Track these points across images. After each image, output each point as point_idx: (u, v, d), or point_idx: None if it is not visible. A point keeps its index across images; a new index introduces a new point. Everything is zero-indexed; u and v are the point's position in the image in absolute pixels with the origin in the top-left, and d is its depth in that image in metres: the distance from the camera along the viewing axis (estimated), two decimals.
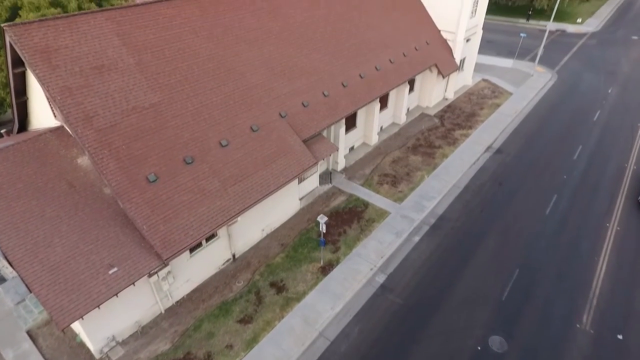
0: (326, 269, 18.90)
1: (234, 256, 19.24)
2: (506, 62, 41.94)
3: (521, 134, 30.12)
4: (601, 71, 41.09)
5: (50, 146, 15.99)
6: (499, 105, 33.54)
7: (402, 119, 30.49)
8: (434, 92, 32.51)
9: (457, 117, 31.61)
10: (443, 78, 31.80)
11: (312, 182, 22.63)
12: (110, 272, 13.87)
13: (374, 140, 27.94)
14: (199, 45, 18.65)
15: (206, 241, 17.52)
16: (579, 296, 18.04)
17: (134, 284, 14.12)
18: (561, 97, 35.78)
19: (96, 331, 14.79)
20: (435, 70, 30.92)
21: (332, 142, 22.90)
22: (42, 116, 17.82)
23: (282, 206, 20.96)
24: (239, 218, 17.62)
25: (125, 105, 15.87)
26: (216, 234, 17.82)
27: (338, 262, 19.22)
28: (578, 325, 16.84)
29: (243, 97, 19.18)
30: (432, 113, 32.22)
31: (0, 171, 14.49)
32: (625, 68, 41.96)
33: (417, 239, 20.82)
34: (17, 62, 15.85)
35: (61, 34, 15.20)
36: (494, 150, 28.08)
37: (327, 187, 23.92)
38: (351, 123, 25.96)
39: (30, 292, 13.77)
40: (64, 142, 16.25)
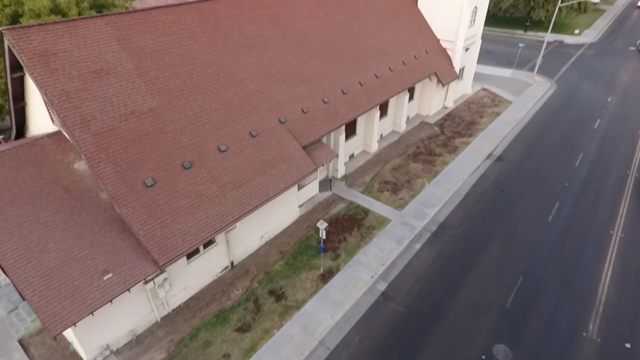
0: (326, 276, 18.54)
1: (232, 263, 18.90)
2: (505, 72, 42.14)
3: (522, 142, 30.02)
4: (600, 81, 41.25)
5: (47, 151, 15.81)
6: (498, 114, 33.54)
7: (402, 127, 30.43)
8: (433, 101, 32.54)
9: (457, 126, 31.55)
10: (443, 86, 31.87)
11: (312, 189, 22.41)
12: (105, 278, 13.55)
13: (374, 147, 27.82)
14: (198, 51, 18.64)
15: (204, 248, 17.22)
16: (584, 304, 17.66)
17: (129, 290, 13.78)
18: (561, 106, 35.81)
19: (89, 340, 14.38)
20: (434, 79, 30.98)
21: (332, 148, 22.73)
22: (40, 122, 17.66)
23: (282, 213, 20.70)
24: (237, 224, 17.35)
25: (124, 110, 15.74)
26: (214, 241, 17.52)
27: (338, 270, 18.88)
28: (584, 333, 16.43)
29: (242, 102, 19.10)
30: (432, 121, 32.18)
31: None
32: (624, 78, 42.14)
33: (418, 246, 20.51)
34: (16, 67, 15.74)
35: (60, 38, 15.16)
36: (495, 158, 27.93)
37: (327, 194, 23.69)
38: (351, 130, 25.88)
39: (24, 299, 13.46)
40: (61, 147, 16.07)
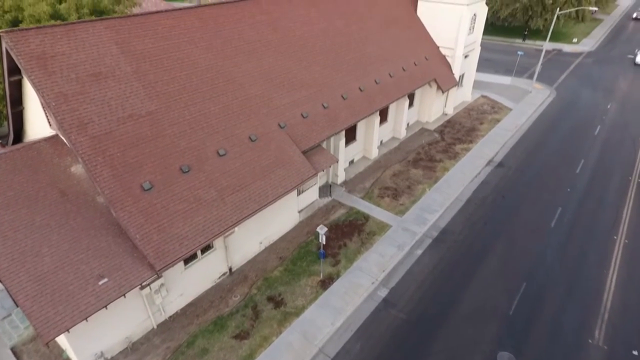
0: (326, 282, 18.22)
1: (230, 269, 18.59)
2: (504, 80, 42.22)
3: (522, 148, 29.89)
4: (599, 88, 41.32)
5: (44, 154, 15.64)
6: (498, 121, 33.48)
7: (402, 134, 30.33)
8: (433, 107, 32.50)
9: (457, 132, 31.46)
10: (442, 93, 31.86)
11: (312, 195, 22.19)
12: (100, 282, 13.26)
13: (374, 154, 27.68)
14: (198, 55, 18.59)
15: (202, 253, 16.94)
16: (589, 310, 17.31)
17: (124, 295, 13.49)
18: (561, 113, 35.78)
19: (83, 347, 14.02)
20: (434, 86, 30.98)
21: (332, 154, 22.56)
22: (38, 126, 17.53)
23: (281, 218, 20.45)
24: (236, 229, 17.12)
25: (122, 113, 15.61)
26: (212, 246, 17.25)
27: (338, 276, 18.56)
28: (590, 340, 16.06)
29: (242, 107, 18.99)
30: (432, 128, 32.10)
31: None
32: (623, 85, 42.22)
33: (419, 252, 20.22)
34: (13, 70, 15.65)
35: (58, 41, 15.09)
36: (496, 164, 27.77)
37: (327, 200, 23.46)
38: (351, 136, 25.76)
39: (17, 306, 13.14)
40: (57, 151, 15.91)
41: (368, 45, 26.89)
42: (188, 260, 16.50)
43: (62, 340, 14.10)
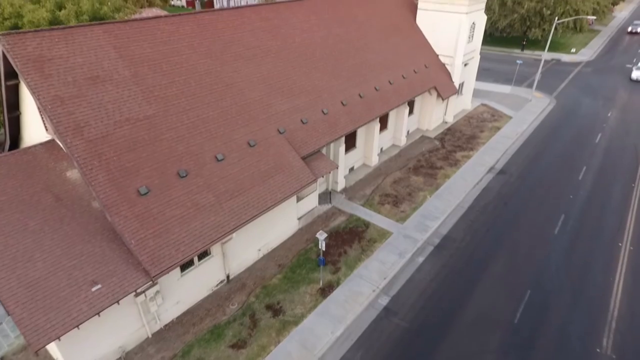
0: (326, 290, 17.80)
1: (228, 277, 18.19)
2: (504, 88, 42.27)
3: (523, 155, 29.69)
4: (599, 96, 41.31)
5: (39, 159, 15.42)
6: (499, 128, 33.35)
7: (402, 141, 30.16)
8: (433, 115, 32.40)
9: (458, 140, 31.29)
10: (442, 101, 31.81)
11: (311, 202, 21.89)
12: (94, 289, 12.89)
13: (374, 161, 27.45)
14: (196, 60, 18.49)
15: (199, 260, 16.57)
16: (596, 318, 16.86)
17: (118, 302, 13.10)
18: (561, 121, 35.68)
19: (75, 356, 13.55)
20: (434, 94, 30.92)
21: (332, 160, 22.33)
22: (35, 132, 17.35)
23: (280, 225, 20.11)
24: (234, 235, 16.78)
25: (119, 117, 15.41)
26: (210, 252, 16.89)
27: (338, 284, 18.15)
28: (598, 349, 15.58)
29: (240, 112, 18.82)
30: (432, 136, 31.94)
31: None
32: (622, 94, 42.23)
33: (421, 259, 19.83)
34: (10, 74, 15.55)
35: (56, 44, 14.99)
36: (497, 171, 27.52)
37: (327, 207, 23.15)
38: (351, 143, 25.57)
39: (8, 314, 12.73)
40: (53, 155, 15.69)
41: (368, 52, 26.90)
42: (184, 267, 16.13)
43: (53, 349, 13.65)
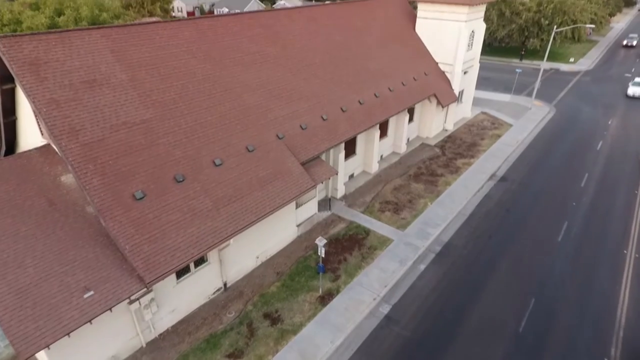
0: (325, 298, 17.37)
1: (225, 285, 17.76)
2: (504, 97, 42.27)
3: (525, 162, 29.45)
4: (599, 105, 41.28)
5: (34, 163, 15.15)
6: (499, 136, 33.19)
7: (402, 149, 29.96)
8: (433, 123, 32.27)
9: (458, 147, 31.10)
10: (442, 108, 31.70)
11: (311, 208, 21.55)
12: (86, 295, 12.49)
13: (374, 168, 27.20)
14: (195, 65, 18.37)
15: (195, 266, 16.19)
16: (603, 327, 16.41)
17: (111, 310, 12.68)
18: (562, 129, 35.55)
19: None
20: (434, 101, 30.82)
21: (331, 166, 22.07)
22: (31, 137, 17.11)
23: (279, 232, 19.75)
24: (231, 241, 16.44)
25: (115, 120, 15.20)
26: (206, 259, 16.52)
27: (338, 292, 17.72)
28: (606, 359, 15.11)
29: (239, 117, 18.63)
30: (432, 143, 31.76)
31: None
32: (623, 102, 42.20)
33: (422, 267, 19.43)
34: (6, 78, 15.36)
35: (53, 47, 14.84)
36: (498, 178, 27.25)
37: (326, 214, 22.81)
38: (351, 150, 25.35)
39: None
40: (48, 160, 15.43)
41: (367, 59, 26.86)
42: (180, 274, 15.74)
43: (43, 358, 13.17)
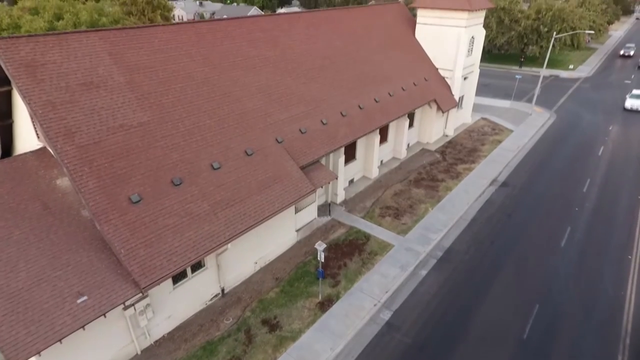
0: (325, 304, 17.03)
1: (223, 291, 17.43)
2: (504, 103, 42.23)
3: (526, 168, 29.24)
4: (599, 111, 41.20)
5: (29, 166, 14.94)
6: (500, 142, 33.02)
7: (403, 154, 29.78)
8: (433, 129, 32.14)
9: (459, 153, 30.92)
10: (442, 114, 31.59)
11: (310, 213, 21.28)
12: (79, 301, 12.19)
13: (375, 173, 26.98)
14: (194, 68, 18.26)
15: (192, 272, 15.90)
16: (609, 334, 16.04)
17: (105, 315, 12.38)
18: (562, 134, 35.40)
19: None
20: (434, 106, 30.72)
21: (331, 170, 21.86)
22: (28, 140, 16.91)
23: (278, 238, 19.47)
24: (229, 246, 16.14)
25: (112, 123, 15.02)
26: (203, 264, 16.22)
27: (338, 298, 17.39)
28: None
29: (238, 120, 18.47)
30: (432, 148, 31.59)
31: None
32: (623, 108, 42.06)
33: (424, 272, 19.10)
34: (3, 81, 15.22)
35: (50, 49, 14.73)
36: (500, 183, 27.02)
37: (326, 219, 22.53)
38: (351, 155, 25.17)
39: None
40: (44, 163, 15.22)
41: (367, 65, 26.80)
42: (177, 280, 15.44)
43: None
